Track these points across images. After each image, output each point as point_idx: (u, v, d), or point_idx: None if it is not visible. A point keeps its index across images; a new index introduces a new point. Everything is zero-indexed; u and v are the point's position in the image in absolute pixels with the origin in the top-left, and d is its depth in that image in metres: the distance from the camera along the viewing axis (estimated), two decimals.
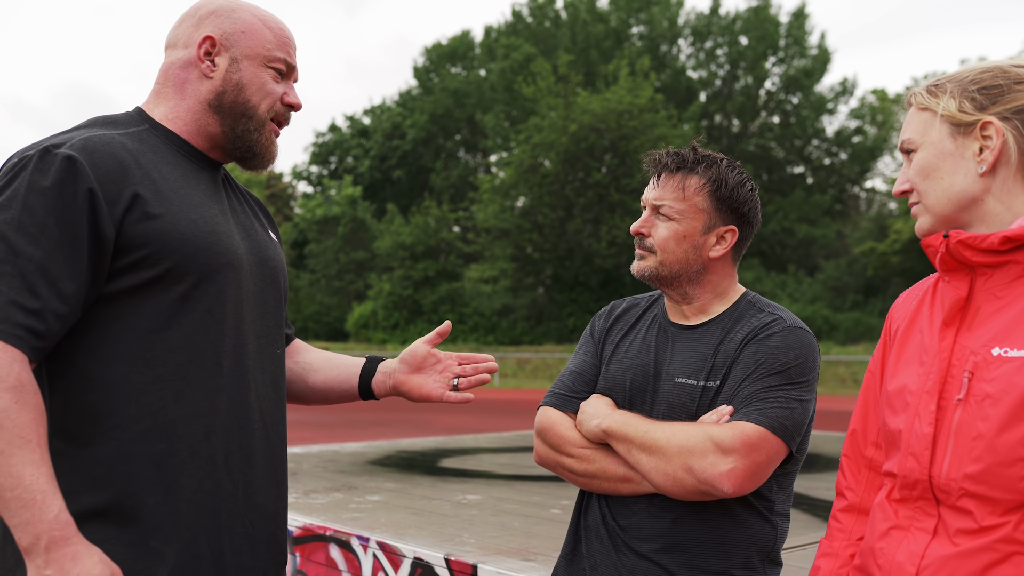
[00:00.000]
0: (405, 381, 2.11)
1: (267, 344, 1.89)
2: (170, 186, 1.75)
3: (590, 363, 2.12)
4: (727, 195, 2.02)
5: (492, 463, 5.81)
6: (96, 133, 1.73)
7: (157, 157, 1.78)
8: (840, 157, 44.79)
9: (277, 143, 1.96)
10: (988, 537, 1.40)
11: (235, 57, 1.86)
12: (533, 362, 32.66)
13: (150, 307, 1.69)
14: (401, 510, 3.80)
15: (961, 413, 1.44)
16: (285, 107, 1.92)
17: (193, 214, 1.75)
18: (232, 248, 1.79)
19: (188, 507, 1.70)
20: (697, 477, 1.82)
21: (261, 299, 1.88)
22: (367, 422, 16.12)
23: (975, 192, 1.52)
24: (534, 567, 2.77)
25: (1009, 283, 1.47)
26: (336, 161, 51.33)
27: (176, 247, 1.69)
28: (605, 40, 43.95)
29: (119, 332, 1.67)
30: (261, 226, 1.99)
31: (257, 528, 1.82)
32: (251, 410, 1.81)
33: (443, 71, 49.15)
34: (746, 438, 1.82)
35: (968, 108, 1.52)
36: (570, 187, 36.33)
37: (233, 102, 1.86)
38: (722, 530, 1.92)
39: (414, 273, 40.50)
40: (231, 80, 1.86)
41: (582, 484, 2.03)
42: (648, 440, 1.89)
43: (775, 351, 1.91)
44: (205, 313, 1.73)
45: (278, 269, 1.96)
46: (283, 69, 1.90)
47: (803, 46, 43.78)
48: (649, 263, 2.04)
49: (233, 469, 1.77)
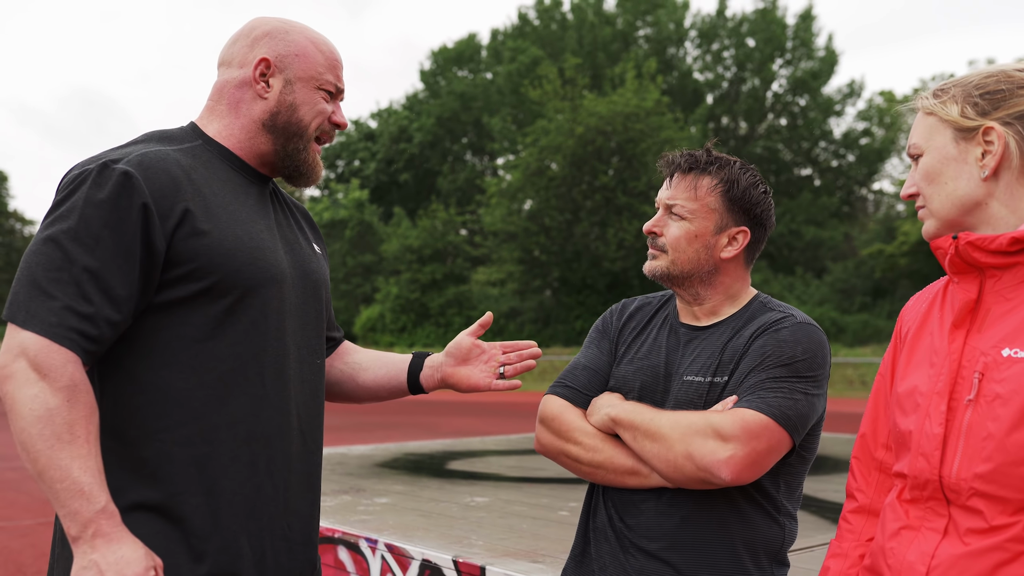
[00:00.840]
0: (452, 373, 2.16)
1: (307, 355, 1.96)
2: (219, 201, 1.83)
3: (604, 361, 2.11)
4: (739, 196, 2.03)
5: (500, 465, 5.81)
6: (152, 149, 1.81)
7: (209, 173, 1.86)
8: (848, 159, 44.73)
9: (321, 162, 2.04)
10: (998, 536, 1.41)
11: (289, 79, 1.94)
12: (540, 364, 32.64)
13: (198, 317, 1.77)
14: (409, 512, 3.81)
15: (971, 413, 1.45)
16: (332, 126, 2.00)
17: (239, 230, 1.82)
18: (276, 263, 1.87)
19: (229, 509, 1.78)
20: (696, 464, 1.82)
21: (303, 311, 1.95)
22: (375, 425, 16.14)
23: (978, 196, 1.53)
24: (542, 569, 2.78)
25: (1018, 284, 1.47)
26: (343, 165, 51.42)
27: (221, 262, 1.77)
28: (612, 43, 43.98)
29: (168, 340, 1.76)
30: (306, 239, 2.06)
31: (295, 531, 1.90)
32: (291, 417, 1.88)
33: (449, 74, 49.22)
34: (746, 425, 1.82)
35: (970, 113, 1.53)
36: (577, 190, 36.33)
37: (287, 122, 1.94)
38: (730, 529, 1.91)
39: (421, 276, 40.54)
40: (285, 101, 1.93)
41: (586, 474, 2.01)
42: (653, 427, 1.89)
43: (783, 344, 1.91)
44: (249, 325, 1.81)
45: (320, 282, 2.04)
46: (332, 91, 1.98)
47: (810, 48, 43.74)
48: (661, 263, 2.04)
49: (274, 473, 1.85)
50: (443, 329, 40.06)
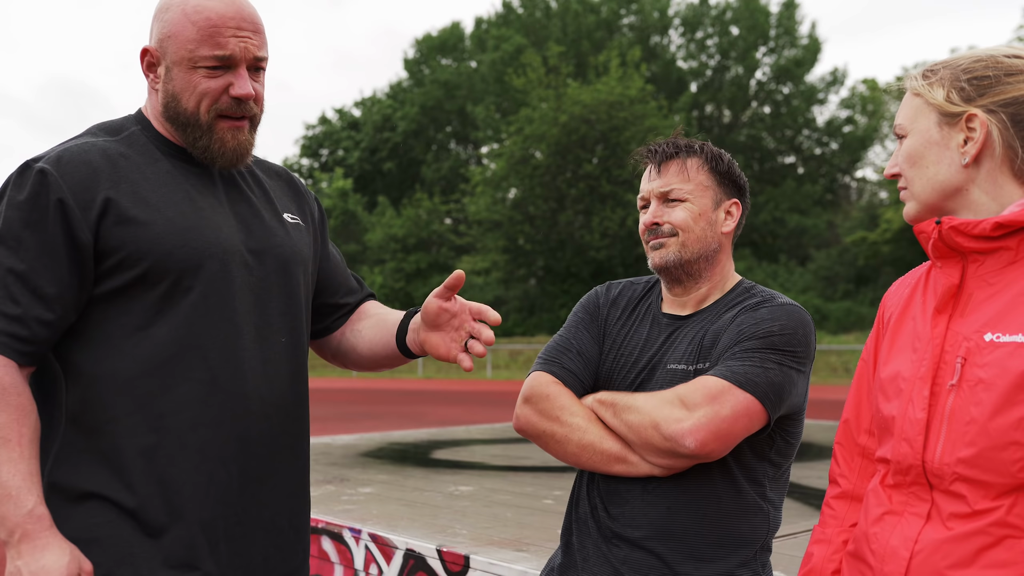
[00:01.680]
0: (426, 339, 1.96)
1: (269, 333, 1.89)
2: (151, 186, 1.79)
3: (597, 350, 2.08)
4: (725, 169, 2.07)
5: (485, 454, 5.81)
6: (79, 142, 1.79)
7: (144, 159, 1.82)
8: (831, 147, 44.84)
9: (242, 135, 1.87)
10: (981, 521, 1.41)
11: (168, 66, 1.83)
12: (525, 353, 32.66)
13: (137, 305, 1.75)
14: (393, 502, 3.80)
15: (954, 398, 1.45)
16: (232, 100, 1.82)
17: (171, 212, 1.78)
18: (216, 241, 1.80)
19: (179, 498, 1.75)
20: (662, 433, 1.82)
21: (261, 288, 1.88)
22: (360, 414, 16.11)
23: (958, 182, 1.53)
24: (526, 557, 2.77)
25: (1001, 269, 1.47)
26: (327, 154, 51.20)
27: (151, 248, 1.74)
28: (596, 31, 43.90)
29: (111, 331, 1.76)
30: (272, 211, 1.96)
31: (252, 516, 1.84)
32: (248, 400, 1.82)
33: (433, 63, 49.02)
34: (707, 391, 1.82)
35: (955, 99, 1.52)
36: (561, 178, 36.29)
37: (176, 112, 1.84)
38: (716, 519, 1.91)
39: (406, 265, 40.47)
40: (168, 91, 1.84)
41: (571, 455, 1.94)
42: (629, 402, 1.90)
43: (760, 321, 1.91)
44: (190, 308, 1.77)
45: (287, 255, 1.93)
46: (215, 64, 1.80)
47: (793, 36, 43.79)
48: (672, 249, 2.02)
49: (227, 459, 1.80)
50: None
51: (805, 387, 1.96)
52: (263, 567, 1.87)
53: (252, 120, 1.89)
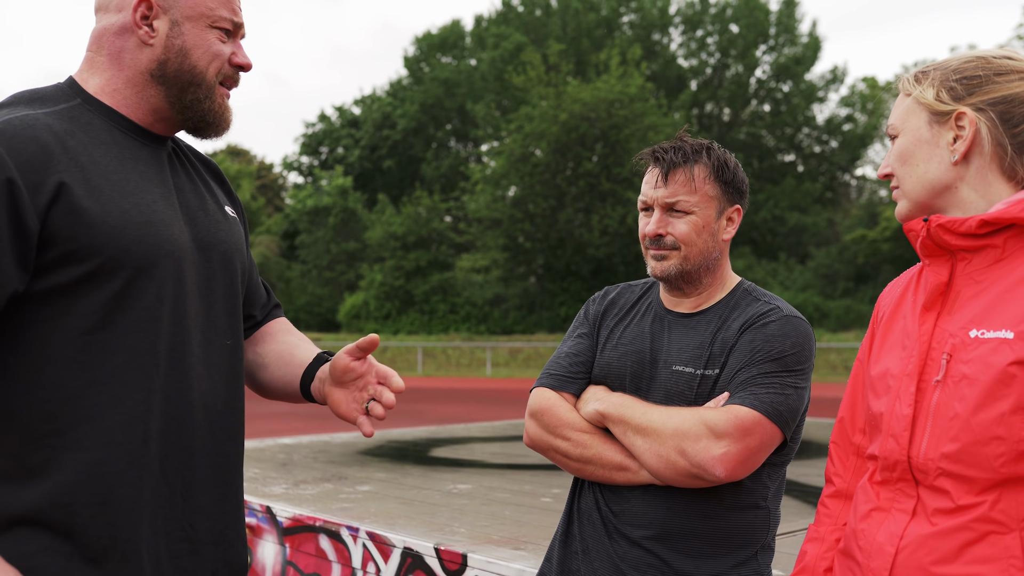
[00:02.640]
0: (330, 394, 1.84)
1: (214, 336, 1.76)
2: (101, 171, 1.61)
3: (586, 346, 2.10)
4: (730, 177, 2.06)
5: (483, 452, 5.80)
6: (19, 114, 1.58)
7: (89, 137, 1.63)
8: (831, 145, 44.82)
9: (231, 107, 1.80)
10: (965, 516, 1.43)
11: (175, 19, 1.69)
12: (525, 351, 32.66)
13: (83, 306, 1.57)
14: (391, 500, 3.79)
15: (939, 394, 1.47)
16: (234, 68, 1.77)
17: (126, 203, 1.61)
18: (171, 237, 1.66)
19: (126, 519, 1.60)
20: (690, 460, 1.82)
21: (208, 288, 1.75)
22: None
23: (948, 180, 1.55)
24: (524, 556, 2.76)
25: (988, 267, 1.50)
26: (326, 151, 51.18)
27: (106, 242, 1.56)
28: (596, 29, 43.86)
29: (51, 334, 1.56)
30: (215, 202, 1.85)
31: (199, 530, 1.72)
32: (193, 409, 1.70)
33: (433, 61, 48.99)
34: (740, 422, 1.82)
35: (945, 98, 1.55)
36: (561, 176, 36.28)
37: (178, 70, 1.70)
38: (716, 519, 1.91)
39: (405, 263, 40.44)
40: (174, 46, 1.70)
41: (575, 469, 2.01)
42: (644, 422, 1.89)
43: (772, 339, 1.92)
44: (143, 310, 1.62)
45: (231, 251, 1.81)
46: (229, 28, 1.74)
47: (793, 34, 43.76)
48: (673, 262, 2.01)
49: (170, 473, 1.67)
50: (427, 316, 40.01)
51: (809, 395, 1.98)
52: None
53: None
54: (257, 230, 49.13)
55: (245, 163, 55.14)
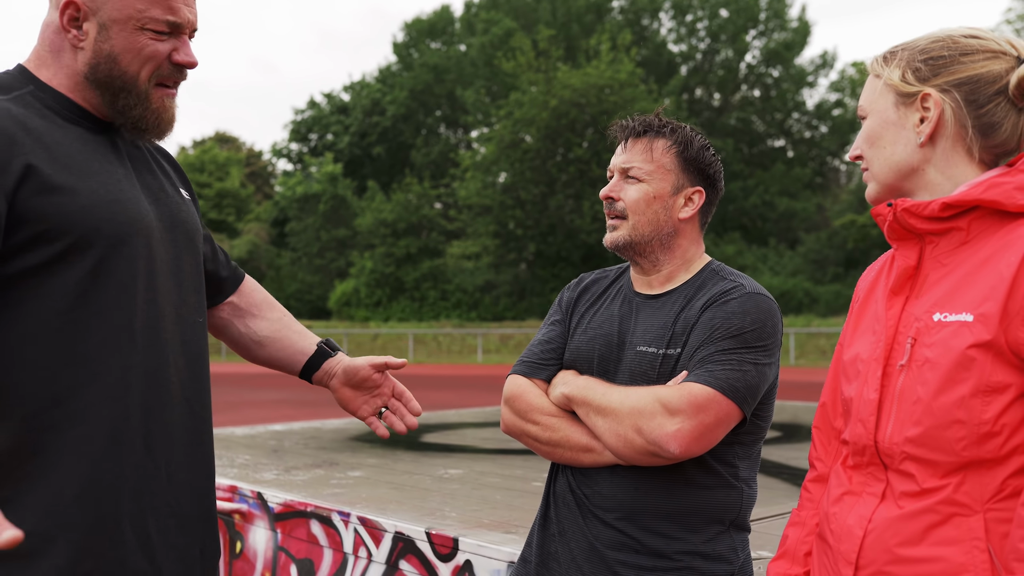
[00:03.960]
0: (339, 389, 2.10)
1: (186, 313, 1.79)
2: (65, 152, 1.62)
3: (558, 332, 2.13)
4: (694, 156, 2.05)
5: (475, 438, 5.81)
6: None
7: (46, 122, 1.63)
8: (820, 130, 44.90)
9: (173, 105, 1.77)
10: (929, 499, 1.44)
11: (103, 23, 1.66)
12: (516, 338, 32.72)
13: (56, 285, 1.58)
14: (383, 485, 3.80)
15: (904, 378, 1.48)
16: (174, 67, 1.73)
17: (93, 182, 1.62)
18: (139, 215, 1.68)
19: (109, 495, 1.62)
20: (645, 438, 1.84)
21: (176, 266, 1.77)
22: None
23: (914, 162, 1.56)
24: (515, 539, 2.78)
25: (953, 250, 1.51)
26: (316, 138, 51.01)
27: (77, 220, 1.57)
28: (586, 14, 43.77)
29: (25, 315, 1.57)
30: (172, 185, 1.85)
31: (185, 506, 1.76)
32: (170, 384, 1.72)
33: (423, 46, 48.83)
34: (693, 399, 1.83)
35: (910, 79, 1.55)
36: (552, 163, 36.26)
37: (108, 75, 1.68)
38: (684, 497, 1.93)
39: (396, 250, 40.41)
40: (102, 51, 1.67)
41: (545, 453, 2.04)
42: (604, 403, 1.91)
43: (731, 316, 1.92)
44: (117, 288, 1.63)
45: (193, 231, 1.84)
46: (163, 29, 1.69)
47: (783, 19, 43.74)
48: (622, 232, 2.05)
49: (154, 448, 1.69)
50: (418, 303, 40.00)
51: (775, 374, 1.98)
52: (200, 558, 1.80)
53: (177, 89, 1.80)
54: (246, 218, 48.98)
55: (234, 150, 54.90)
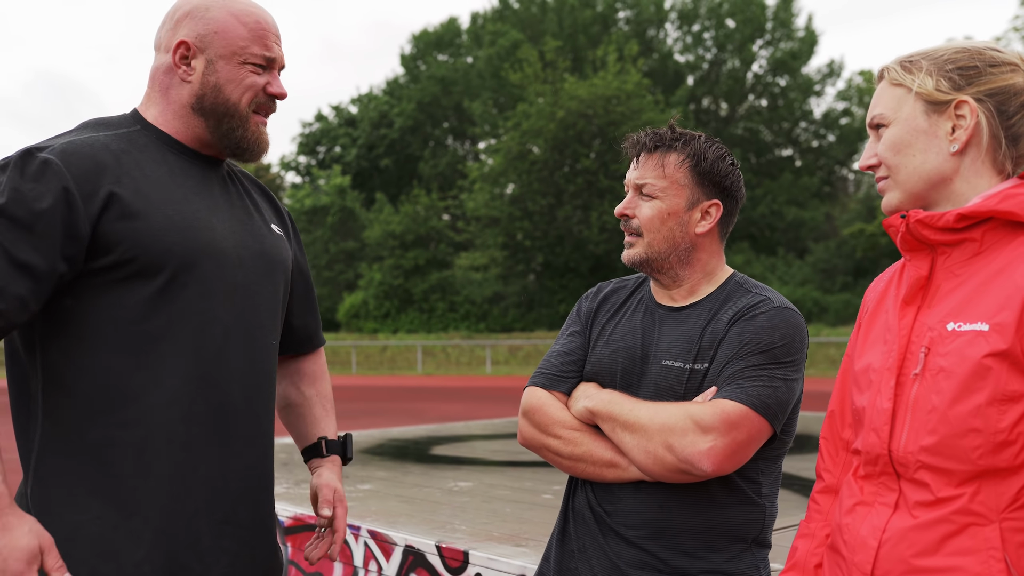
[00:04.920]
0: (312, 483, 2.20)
1: (260, 335, 1.95)
2: (151, 183, 1.82)
3: (578, 344, 2.10)
4: (707, 169, 2.02)
5: (484, 450, 5.81)
6: (81, 136, 1.82)
7: (144, 156, 1.85)
8: (828, 139, 44.80)
9: (267, 132, 2.01)
10: (945, 509, 1.44)
11: (211, 59, 1.91)
12: (525, 349, 32.67)
13: (130, 299, 1.77)
14: (392, 498, 3.80)
15: (918, 387, 1.48)
16: (268, 97, 1.97)
17: (170, 209, 1.82)
18: (212, 241, 1.85)
19: (165, 491, 1.78)
20: (677, 455, 1.83)
21: (253, 291, 1.93)
22: (360, 412, 16.12)
23: (946, 171, 1.54)
24: (525, 552, 2.77)
25: (966, 260, 1.51)
26: (324, 151, 51.12)
27: (149, 243, 1.77)
28: (592, 25, 43.82)
29: (102, 323, 1.77)
30: (263, 219, 2.05)
31: (241, 514, 1.89)
32: (234, 398, 1.87)
33: (430, 59, 48.95)
34: (726, 416, 1.82)
35: (945, 87, 1.54)
36: (559, 174, 36.26)
37: (214, 103, 1.91)
38: (709, 515, 1.91)
39: (404, 262, 40.42)
40: (209, 83, 1.91)
41: (567, 468, 2.01)
42: (631, 418, 1.89)
43: (761, 331, 1.91)
44: (185, 304, 1.81)
45: (277, 261, 2.02)
46: (261, 63, 1.94)
47: (790, 28, 43.73)
48: (638, 249, 2.03)
49: (212, 455, 1.84)
50: (426, 315, 39.98)
51: (801, 389, 1.97)
52: (252, 565, 1.91)
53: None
54: None
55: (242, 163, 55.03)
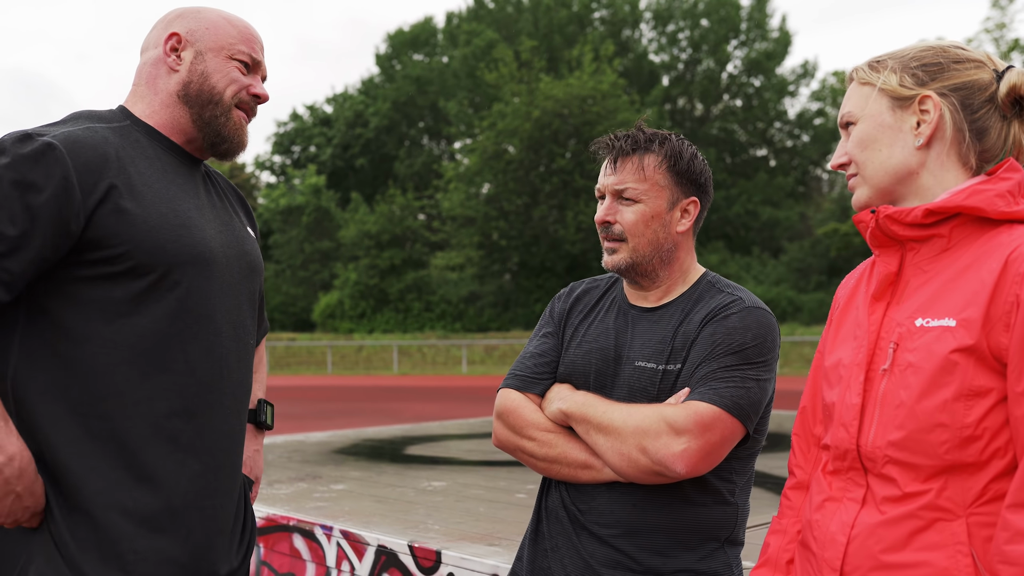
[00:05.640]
0: None
1: (243, 334, 2.00)
2: (145, 180, 1.85)
3: (551, 345, 2.10)
4: (685, 168, 2.03)
5: (458, 449, 5.80)
6: (84, 126, 1.84)
7: (136, 152, 1.88)
8: (802, 139, 45.14)
9: (247, 130, 2.06)
10: (912, 504, 1.45)
11: (200, 51, 1.98)
12: (500, 348, 32.67)
13: (120, 293, 1.80)
14: (366, 498, 3.79)
15: (886, 383, 1.50)
16: (251, 97, 2.03)
17: (164, 207, 1.85)
18: (202, 241, 1.89)
19: (149, 485, 1.80)
20: (651, 458, 1.82)
21: (237, 291, 1.99)
22: (335, 412, 16.06)
23: (911, 165, 1.56)
24: (498, 551, 2.77)
25: (935, 256, 1.53)
26: (299, 150, 50.89)
27: (143, 240, 1.79)
28: (567, 25, 43.90)
29: (91, 315, 1.79)
30: (240, 221, 2.10)
31: (227, 511, 1.94)
32: (223, 396, 1.92)
33: (405, 58, 48.85)
34: (699, 418, 1.82)
35: (908, 83, 1.57)
36: (535, 173, 36.30)
37: (199, 90, 1.97)
38: (683, 514, 1.91)
39: (380, 262, 40.31)
40: (196, 70, 1.97)
41: (541, 469, 2.01)
42: (605, 420, 1.89)
43: (732, 331, 1.91)
44: (175, 302, 1.84)
45: (255, 263, 2.08)
46: (247, 62, 2.01)
47: (764, 29, 44.01)
48: (622, 255, 2.01)
49: (200, 451, 1.87)
50: (402, 315, 39.89)
51: (773, 388, 1.98)
52: (226, 557, 1.94)
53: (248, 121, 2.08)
54: None
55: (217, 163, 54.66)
